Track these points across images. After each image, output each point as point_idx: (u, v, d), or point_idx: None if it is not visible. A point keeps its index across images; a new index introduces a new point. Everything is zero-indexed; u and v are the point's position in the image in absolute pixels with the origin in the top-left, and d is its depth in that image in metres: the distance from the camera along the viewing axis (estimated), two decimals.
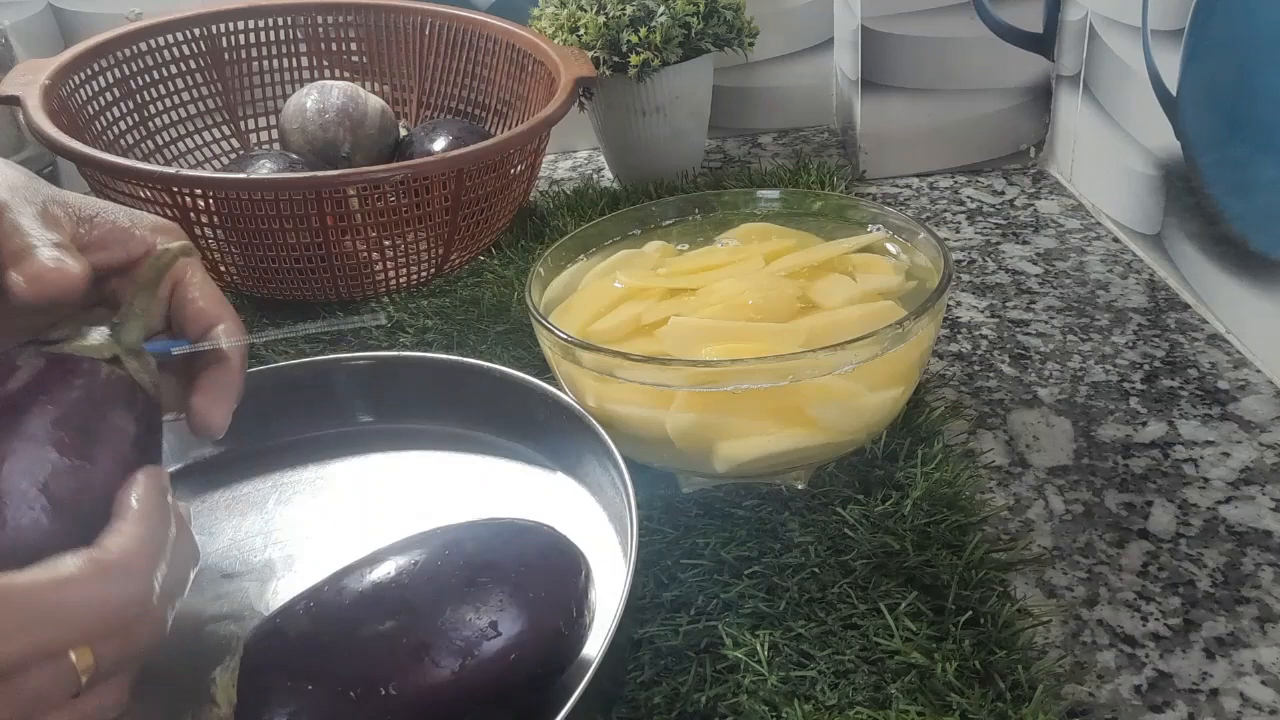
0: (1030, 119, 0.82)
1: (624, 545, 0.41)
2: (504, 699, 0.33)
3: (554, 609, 0.34)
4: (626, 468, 0.40)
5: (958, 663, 0.37)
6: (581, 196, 0.81)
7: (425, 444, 0.51)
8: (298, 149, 0.80)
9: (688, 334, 0.44)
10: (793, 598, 0.41)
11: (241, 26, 0.85)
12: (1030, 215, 0.76)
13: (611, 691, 0.37)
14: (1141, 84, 0.65)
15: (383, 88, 0.90)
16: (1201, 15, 0.58)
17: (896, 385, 0.44)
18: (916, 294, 0.48)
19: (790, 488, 0.46)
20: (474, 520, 0.38)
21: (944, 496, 0.45)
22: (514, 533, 0.37)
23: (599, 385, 0.44)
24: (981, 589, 0.40)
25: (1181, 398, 0.54)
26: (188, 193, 0.63)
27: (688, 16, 0.77)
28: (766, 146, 0.96)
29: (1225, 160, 0.58)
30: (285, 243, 0.65)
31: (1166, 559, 0.44)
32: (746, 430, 0.42)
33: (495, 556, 0.35)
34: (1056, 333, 0.61)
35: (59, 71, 0.71)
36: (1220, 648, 0.39)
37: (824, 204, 0.55)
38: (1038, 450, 0.51)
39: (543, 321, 0.44)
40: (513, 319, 0.63)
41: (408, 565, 0.34)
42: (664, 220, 0.56)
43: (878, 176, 0.85)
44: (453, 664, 0.32)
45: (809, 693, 0.37)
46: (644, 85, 0.78)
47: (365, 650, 0.32)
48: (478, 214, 0.70)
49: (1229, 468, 0.48)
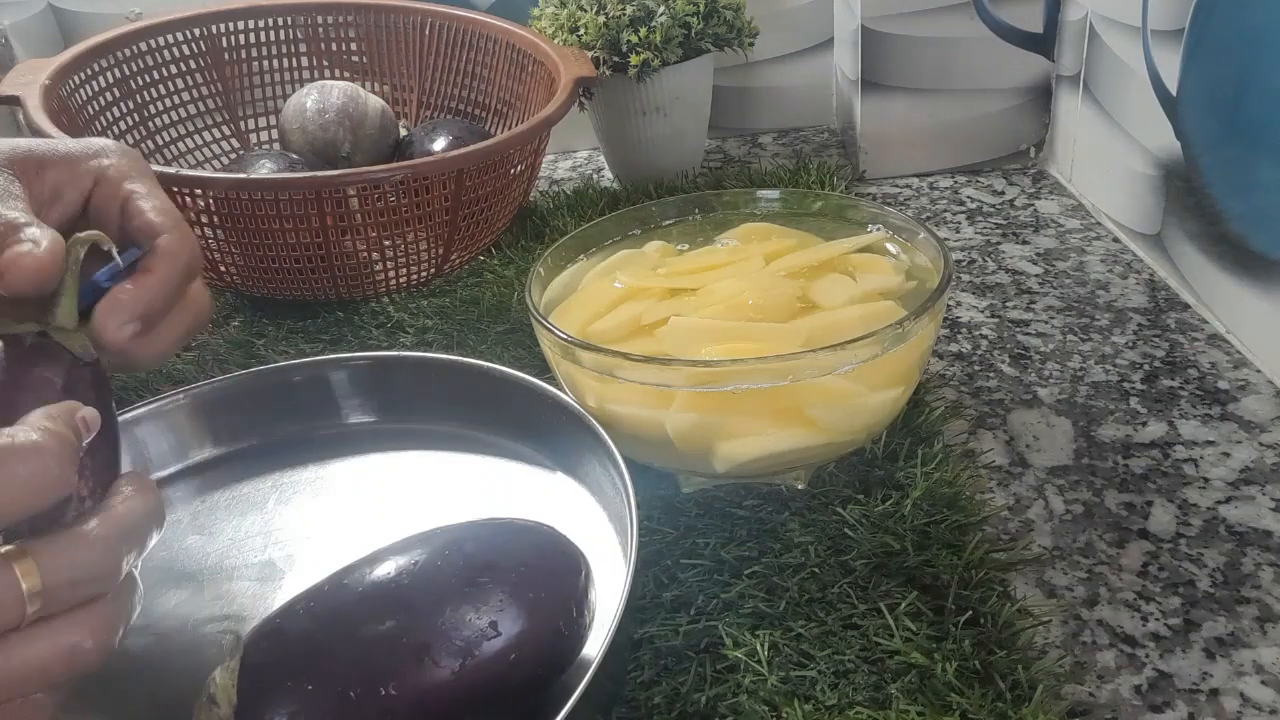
0: (1030, 119, 0.82)
1: (624, 545, 0.41)
2: (504, 699, 0.33)
3: (554, 609, 0.34)
4: (626, 468, 0.40)
5: (958, 663, 0.37)
6: (581, 196, 0.81)
7: (425, 444, 0.51)
8: (298, 149, 0.80)
9: (688, 334, 0.44)
10: (793, 598, 0.41)
11: (241, 26, 0.85)
12: (1030, 215, 0.76)
13: (612, 691, 0.37)
14: (1141, 84, 0.65)
15: (383, 88, 0.90)
16: (1201, 15, 0.58)
17: (896, 385, 0.44)
18: (916, 294, 0.48)
19: (790, 488, 0.46)
20: (474, 520, 0.38)
21: (944, 496, 0.45)
22: (514, 533, 0.37)
23: (599, 385, 0.44)
24: (981, 589, 0.40)
25: (1181, 398, 0.54)
26: (188, 193, 0.63)
27: (688, 16, 0.77)
28: (766, 146, 0.96)
29: (1225, 160, 0.58)
30: (285, 243, 0.65)
31: (1166, 559, 0.44)
32: (746, 430, 0.42)
33: (495, 557, 0.35)
34: (1056, 333, 0.61)
35: (59, 71, 0.71)
36: (1220, 648, 0.39)
37: (824, 204, 0.55)
38: (1038, 450, 0.51)
39: (543, 321, 0.44)
40: (513, 319, 0.63)
41: (408, 565, 0.34)
42: (664, 220, 0.56)
43: (878, 176, 0.85)
44: (453, 664, 0.32)
45: (809, 693, 0.37)
46: (644, 85, 0.78)
47: (365, 650, 0.32)
48: (478, 214, 0.70)
49: (1229, 468, 0.49)
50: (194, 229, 0.64)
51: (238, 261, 0.67)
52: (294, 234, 0.64)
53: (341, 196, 0.64)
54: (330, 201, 0.63)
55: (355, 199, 0.65)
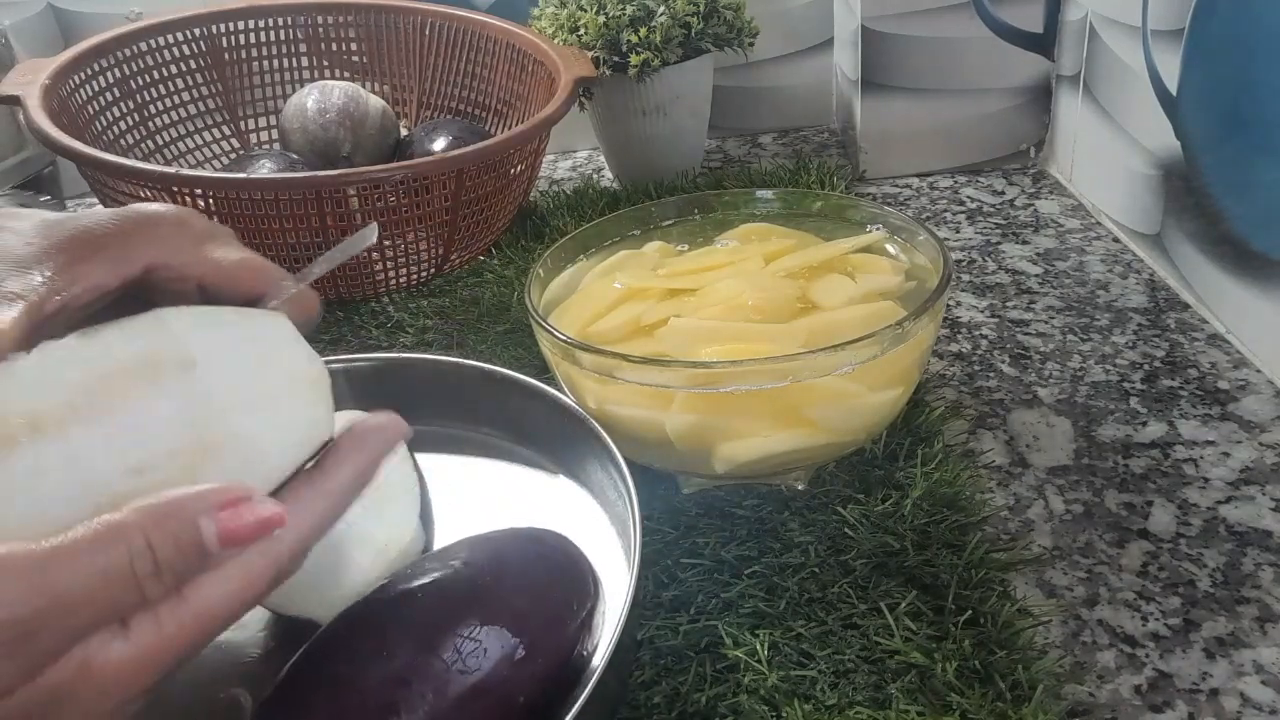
0: (1030, 119, 0.82)
1: (626, 548, 0.41)
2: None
3: (564, 640, 0.34)
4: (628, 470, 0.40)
5: (958, 663, 0.37)
6: (581, 196, 0.81)
7: (425, 446, 0.50)
8: (298, 149, 0.80)
9: (687, 335, 0.44)
10: (793, 597, 0.41)
11: (241, 26, 0.85)
12: (1030, 215, 0.76)
13: (616, 694, 0.37)
14: (1141, 84, 0.65)
15: (383, 88, 0.90)
16: (1201, 15, 0.58)
17: (896, 385, 0.44)
18: (916, 294, 0.48)
19: (790, 488, 0.46)
20: (487, 535, 0.38)
21: (944, 496, 0.45)
22: (525, 561, 0.37)
23: (599, 386, 0.44)
24: (981, 589, 0.40)
25: (1181, 398, 0.54)
26: (188, 193, 0.63)
27: (688, 16, 0.77)
28: (766, 146, 0.96)
29: (1225, 160, 0.58)
30: (285, 243, 0.65)
31: (1166, 559, 0.44)
32: (746, 431, 0.42)
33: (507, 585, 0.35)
34: (1056, 333, 0.61)
35: (59, 71, 0.71)
36: (1220, 648, 0.39)
37: (824, 204, 0.55)
38: (1038, 450, 0.51)
39: (542, 323, 0.44)
40: (513, 319, 0.63)
41: (414, 592, 0.34)
42: (664, 220, 0.56)
43: (878, 176, 0.85)
44: (460, 690, 0.31)
45: (809, 692, 0.37)
46: (644, 85, 0.78)
47: (372, 683, 0.32)
48: (478, 214, 0.70)
49: (1229, 468, 0.49)
50: None
51: None
52: (294, 234, 0.64)
53: (341, 196, 0.64)
54: (330, 201, 0.63)
55: (355, 199, 0.65)
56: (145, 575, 0.25)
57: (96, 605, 0.25)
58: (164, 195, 0.63)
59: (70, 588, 0.24)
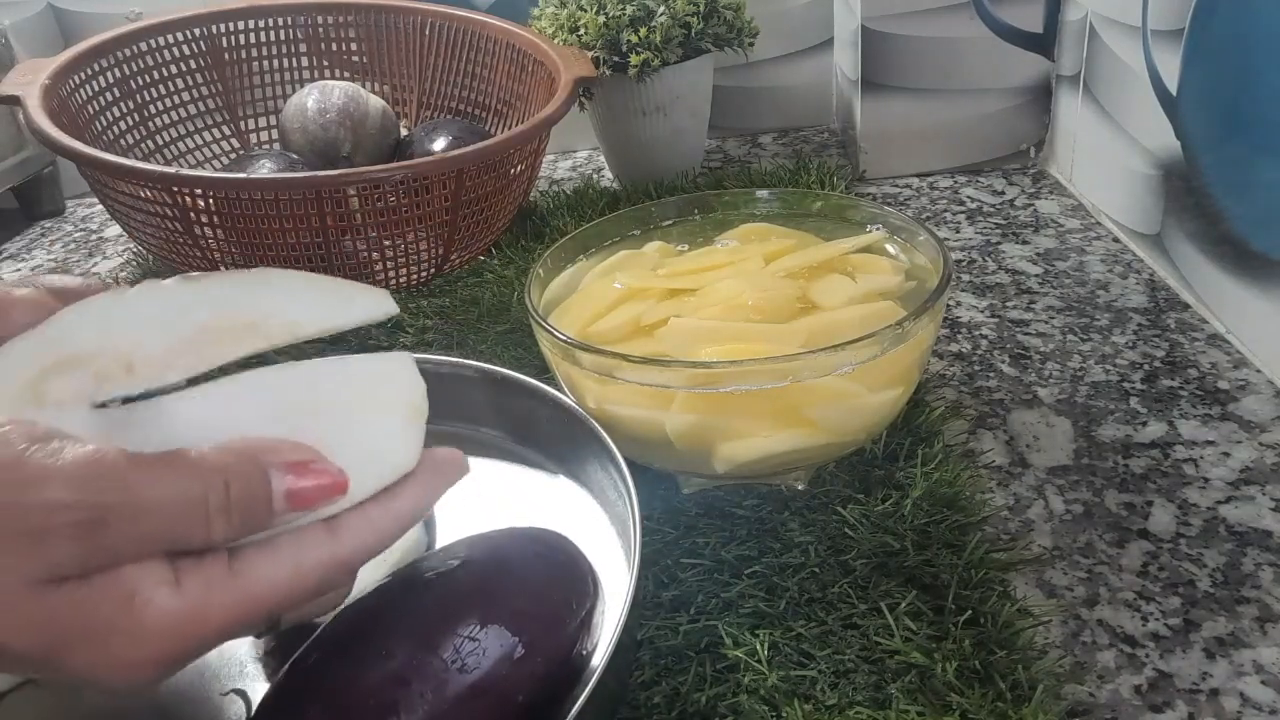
0: (1030, 119, 0.82)
1: (626, 549, 0.41)
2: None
3: (563, 639, 0.34)
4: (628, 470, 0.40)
5: (958, 663, 0.37)
6: (581, 196, 0.81)
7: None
8: (298, 149, 0.80)
9: (687, 335, 0.44)
10: (793, 597, 0.41)
11: (241, 26, 0.85)
12: (1030, 215, 0.76)
13: (616, 694, 0.37)
14: (1141, 84, 0.65)
15: (383, 88, 0.90)
16: (1201, 15, 0.58)
17: (896, 386, 0.44)
18: (916, 294, 0.47)
19: (790, 488, 0.46)
20: (487, 534, 0.38)
21: (944, 496, 0.45)
22: (525, 560, 0.37)
23: (599, 386, 0.44)
24: (981, 589, 0.40)
25: (1181, 398, 0.54)
26: (188, 193, 0.63)
27: (688, 16, 0.77)
28: (766, 146, 0.96)
29: (1225, 160, 0.58)
30: (285, 243, 0.65)
31: (1166, 559, 0.44)
32: (746, 431, 0.42)
33: (507, 583, 0.35)
34: (1056, 333, 0.61)
35: (59, 71, 0.71)
36: (1220, 648, 0.39)
37: (824, 204, 0.55)
38: (1038, 450, 0.51)
39: (542, 323, 0.44)
40: (513, 319, 0.63)
41: (414, 590, 0.34)
42: (664, 220, 0.56)
43: (878, 176, 0.85)
44: (459, 690, 0.31)
45: (809, 692, 0.37)
46: (644, 85, 0.78)
47: (371, 683, 0.32)
48: (478, 214, 0.70)
49: (1229, 468, 0.49)
50: (194, 229, 0.64)
51: (238, 261, 0.67)
52: (294, 234, 0.64)
53: (341, 196, 0.64)
54: (330, 201, 0.63)
55: (355, 199, 0.65)
56: (215, 509, 0.26)
57: (166, 519, 0.26)
58: (164, 195, 0.63)
59: (148, 495, 0.25)
